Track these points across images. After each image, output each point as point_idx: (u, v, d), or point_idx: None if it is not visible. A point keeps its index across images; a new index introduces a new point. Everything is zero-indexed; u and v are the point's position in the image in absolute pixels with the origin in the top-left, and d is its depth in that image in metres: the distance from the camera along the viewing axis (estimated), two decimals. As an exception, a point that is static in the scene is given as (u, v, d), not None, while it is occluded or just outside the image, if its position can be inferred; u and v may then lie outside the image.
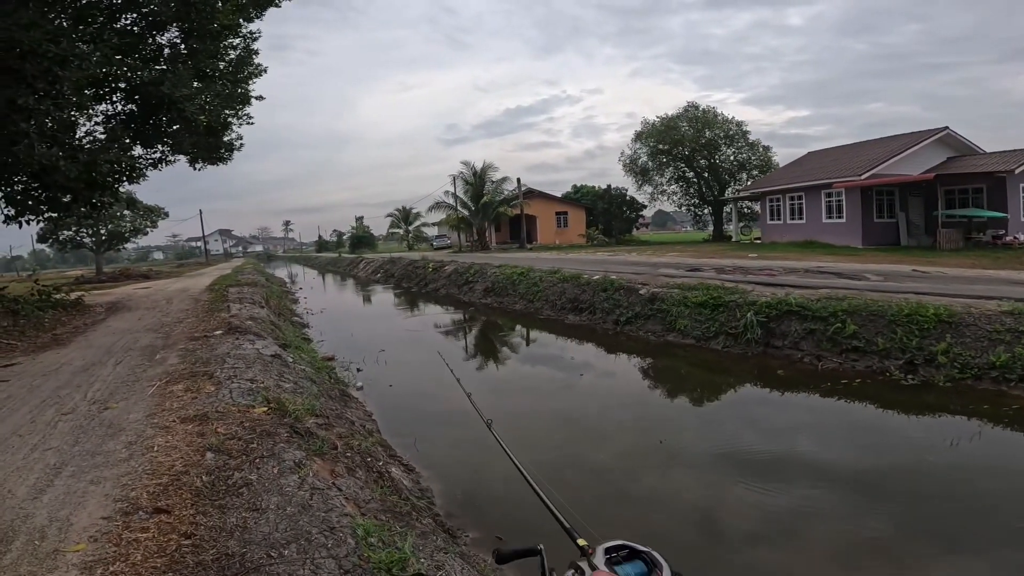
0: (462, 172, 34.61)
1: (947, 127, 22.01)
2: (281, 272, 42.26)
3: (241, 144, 13.53)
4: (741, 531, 3.72)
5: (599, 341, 9.81)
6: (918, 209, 21.01)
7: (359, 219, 73.78)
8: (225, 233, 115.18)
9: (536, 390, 7.57)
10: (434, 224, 48.12)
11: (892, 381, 6.36)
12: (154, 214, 33.69)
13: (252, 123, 13.22)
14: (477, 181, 34.08)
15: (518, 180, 35.25)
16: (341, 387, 6.68)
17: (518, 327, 12.10)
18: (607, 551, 0.84)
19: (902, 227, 21.01)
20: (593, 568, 0.82)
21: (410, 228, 55.30)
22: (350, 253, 54.39)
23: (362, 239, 65.01)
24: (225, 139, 12.91)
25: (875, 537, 3.50)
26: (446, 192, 35.72)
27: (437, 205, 36.63)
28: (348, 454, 3.41)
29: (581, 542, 0.97)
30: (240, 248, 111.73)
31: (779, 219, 25.69)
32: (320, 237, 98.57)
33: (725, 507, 4.05)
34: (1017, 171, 18.39)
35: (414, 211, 53.96)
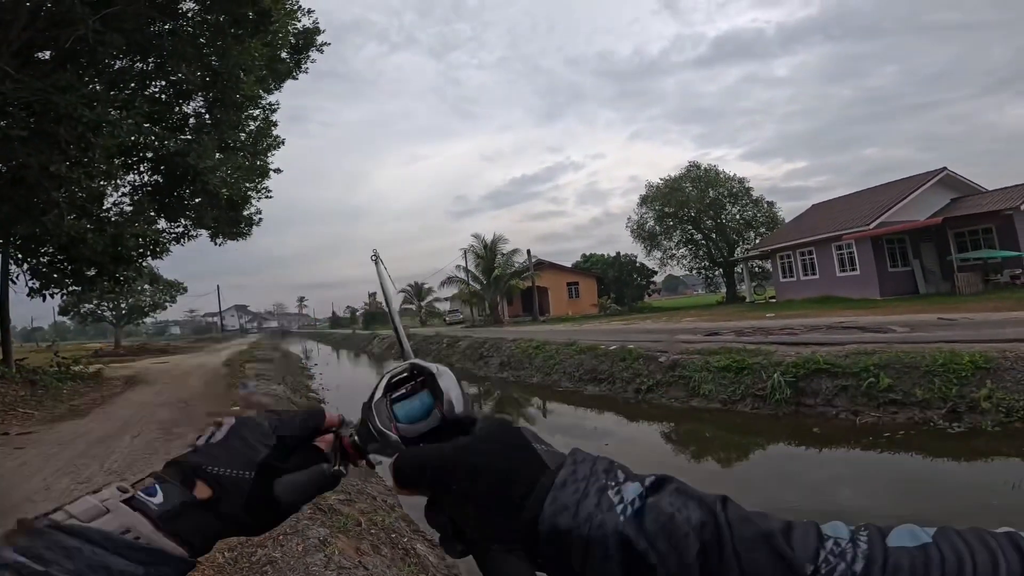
0: (472, 245, 35.41)
1: (945, 168, 22.11)
2: (296, 348, 42.51)
3: (260, 218, 13.42)
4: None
5: (620, 410, 9.54)
6: (932, 255, 20.89)
7: (372, 295, 74.96)
8: (241, 308, 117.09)
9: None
10: (446, 299, 48.72)
11: (937, 430, 6.06)
12: (173, 289, 34.38)
13: (271, 197, 13.29)
14: (488, 254, 34.76)
15: (528, 252, 35.96)
16: None
17: (536, 399, 11.86)
18: (388, 387, 0.54)
19: (918, 274, 20.79)
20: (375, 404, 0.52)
21: (422, 303, 55.93)
22: (364, 330, 54.78)
23: (375, 315, 65.71)
24: (245, 213, 12.88)
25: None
26: (457, 267, 36.39)
27: (449, 280, 37.24)
28: (372, 531, 3.25)
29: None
30: (255, 324, 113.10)
31: (792, 276, 25.63)
32: (334, 313, 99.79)
33: None
34: (1023, 207, 18.39)
35: (426, 286, 54.83)
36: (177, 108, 11.61)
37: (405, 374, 0.55)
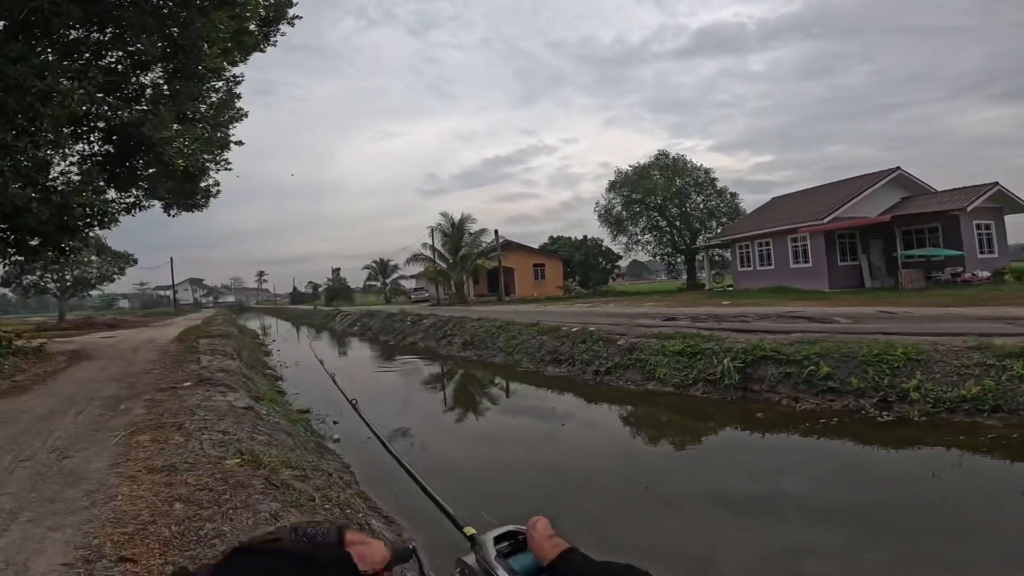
0: (440, 224, 35.07)
1: (899, 168, 23.09)
2: (254, 324, 41.42)
3: (218, 191, 13.31)
4: (735, 570, 3.64)
5: (580, 392, 9.75)
6: (879, 251, 21.94)
7: (336, 271, 73.54)
8: (196, 282, 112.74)
9: (519, 439, 7.46)
10: (412, 276, 48.27)
11: (868, 419, 6.45)
12: (122, 261, 33.07)
13: (231, 169, 13.09)
14: (455, 233, 34.52)
15: (496, 232, 35.86)
16: (317, 439, 6.51)
17: (498, 379, 11.99)
18: (497, 540, 0.70)
19: (865, 269, 21.84)
20: (485, 564, 0.67)
21: (387, 281, 55.21)
22: (326, 306, 53.77)
23: (338, 291, 64.56)
24: (202, 185, 12.71)
25: (870, 570, 3.47)
26: (424, 244, 35.99)
27: (415, 257, 36.82)
28: (327, 506, 3.27)
29: (468, 531, 0.83)
30: (211, 298, 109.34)
31: (749, 266, 26.51)
32: (295, 288, 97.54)
33: (716, 547, 3.99)
34: (969, 209, 19.44)
35: (392, 263, 54.09)
36: (134, 79, 11.20)
37: (506, 531, 0.71)
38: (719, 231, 33.54)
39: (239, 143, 12.91)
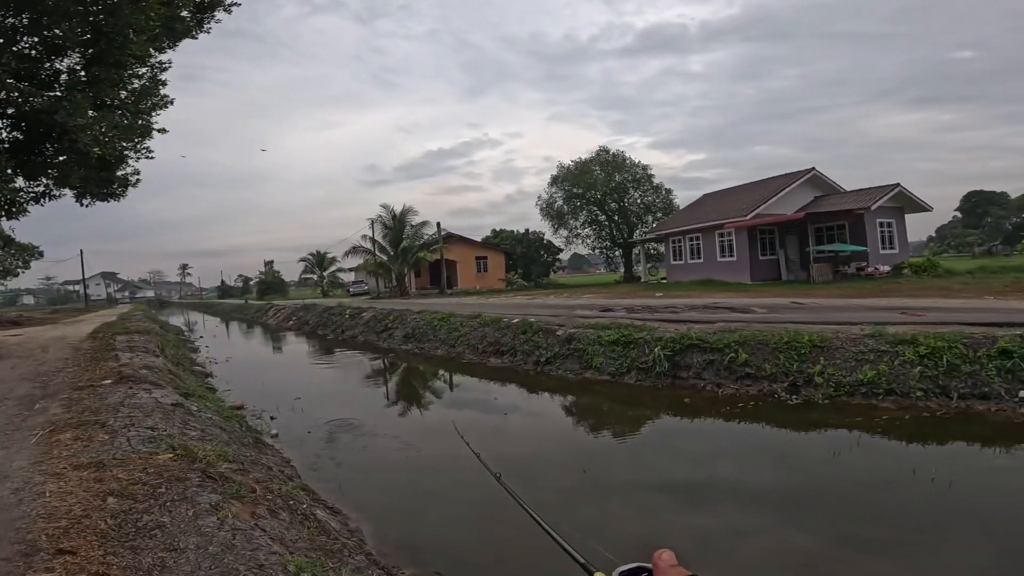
0: (381, 216, 34.42)
1: (814, 168, 24.79)
2: (177, 320, 38.97)
3: (138, 180, 12.77)
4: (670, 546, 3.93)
5: (521, 382, 10.00)
6: (795, 246, 23.67)
7: (269, 264, 70.10)
8: (110, 276, 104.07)
9: (464, 430, 7.58)
10: (351, 269, 46.96)
11: (780, 402, 7.07)
12: (27, 253, 30.19)
13: (152, 157, 12.49)
14: (396, 225, 33.98)
15: (438, 224, 35.59)
16: (254, 435, 6.37)
17: (441, 370, 12.06)
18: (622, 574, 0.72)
19: (782, 263, 23.53)
20: None
21: (325, 274, 53.43)
22: (258, 300, 51.35)
23: (272, 285, 61.77)
24: (119, 173, 12.13)
25: (783, 543, 3.85)
26: (364, 236, 35.16)
27: (354, 250, 35.93)
28: (268, 497, 3.27)
29: None
30: (127, 293, 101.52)
31: (681, 259, 27.85)
32: (223, 282, 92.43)
33: (653, 527, 4.26)
34: (873, 208, 21.28)
35: (329, 256, 52.36)
36: (48, 64, 10.46)
37: (632, 568, 0.72)
38: (654, 226, 34.93)
39: (162, 131, 12.25)
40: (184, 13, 11.01)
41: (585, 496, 4.99)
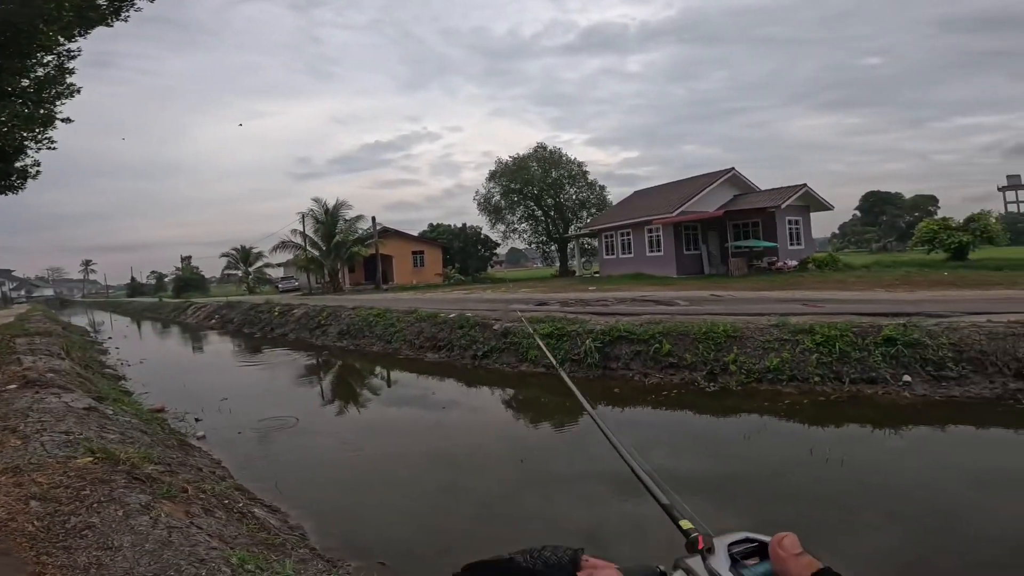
0: (312, 210, 33.19)
1: (733, 168, 26.34)
2: (81, 320, 35.78)
3: (38, 171, 11.77)
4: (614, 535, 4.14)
5: (459, 376, 10.13)
6: (715, 241, 25.19)
7: (186, 259, 65.51)
8: (4, 274, 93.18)
9: (402, 426, 7.63)
10: (279, 265, 44.91)
11: (699, 389, 7.64)
12: None
13: (54, 148, 11.48)
14: (329, 219, 32.91)
15: (373, 219, 34.80)
16: (179, 437, 6.13)
17: (378, 367, 11.95)
18: (730, 546, 0.61)
19: (704, 258, 25.00)
20: (713, 573, 0.57)
21: (251, 269, 50.68)
22: (175, 298, 47.98)
23: (190, 282, 57.82)
24: (17, 164, 11.13)
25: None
26: (294, 231, 33.72)
27: (283, 244, 34.40)
28: (201, 497, 3.22)
29: (685, 524, 0.73)
30: (23, 292, 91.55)
31: (613, 254, 28.87)
32: (134, 279, 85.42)
33: (584, 511, 4.49)
34: (783, 206, 22.99)
35: (255, 251, 49.71)
36: None
37: (740, 539, 0.61)
38: (589, 221, 35.95)
39: (67, 120, 11.28)
40: (100, 1, 10.15)
41: (524, 486, 5.20)
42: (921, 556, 3.59)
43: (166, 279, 70.02)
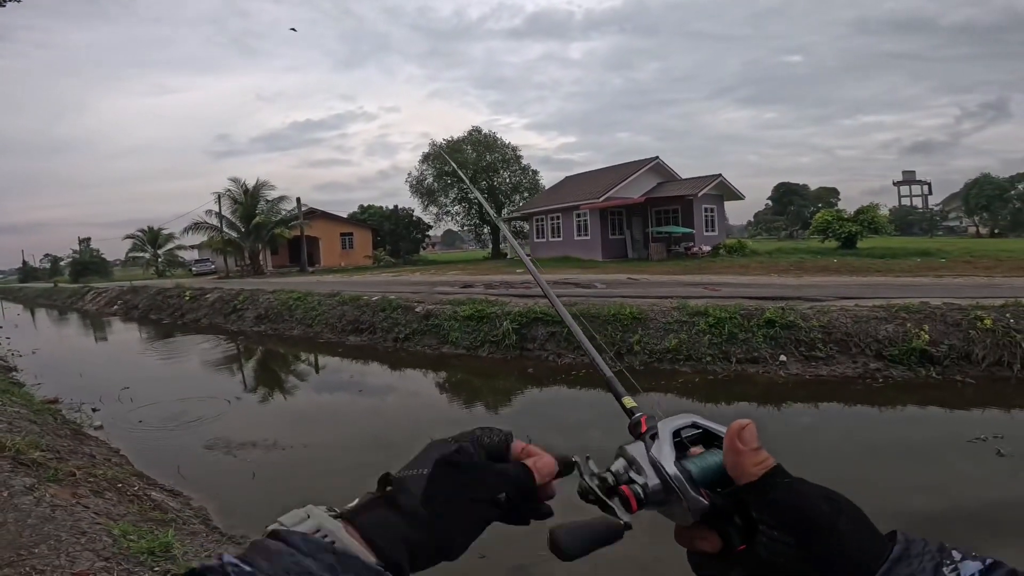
0: (230, 190, 31.27)
1: (657, 157, 27.50)
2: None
3: None
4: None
5: (380, 358, 10.16)
6: (639, 227, 26.33)
7: (85, 241, 59.75)
8: None
9: (318, 406, 7.62)
10: (193, 247, 42.06)
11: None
12: None
13: None
14: (249, 200, 31.20)
15: (298, 200, 33.36)
16: (73, 427, 5.87)
17: (297, 351, 11.72)
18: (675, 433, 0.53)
19: (628, 242, 26.10)
20: (655, 463, 0.49)
21: (159, 252, 47.06)
22: (72, 283, 43.77)
23: (90, 265, 52.90)
24: None
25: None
26: (209, 211, 31.67)
27: (196, 226, 32.23)
28: (92, 480, 3.20)
29: (628, 402, 0.61)
30: None
31: (544, 237, 29.45)
32: (26, 264, 76.98)
33: None
34: (700, 195, 24.34)
35: (165, 232, 46.20)
36: None
37: (687, 423, 0.53)
38: (521, 205, 36.35)
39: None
40: None
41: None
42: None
43: (62, 263, 63.53)
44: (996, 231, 54.29)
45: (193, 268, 42.83)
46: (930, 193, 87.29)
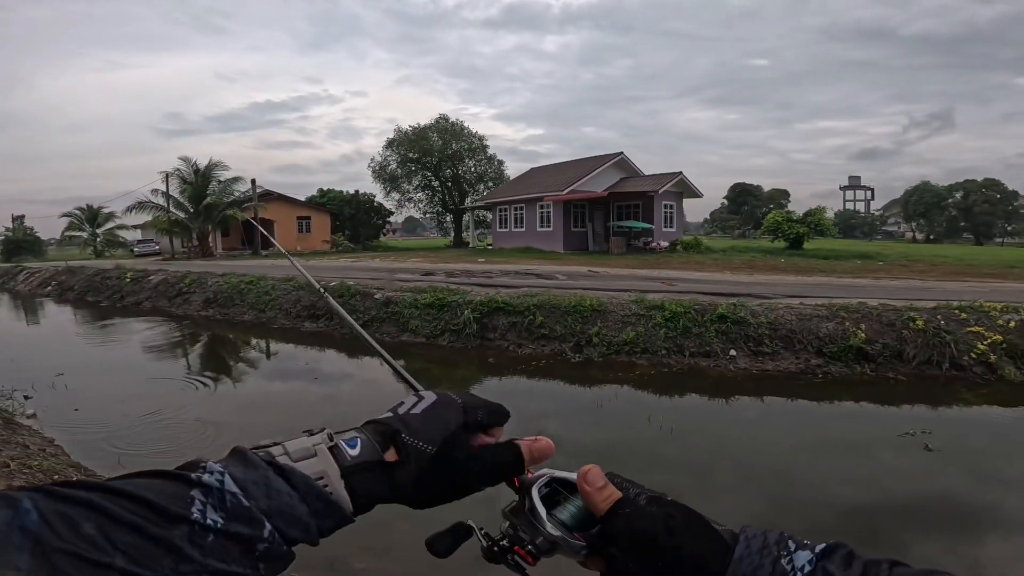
0: (179, 169, 29.77)
1: (622, 153, 28.02)
2: None
3: None
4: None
5: (337, 346, 9.94)
6: (601, 220, 26.75)
7: (18, 219, 55.54)
8: None
9: (270, 394, 7.40)
10: (136, 227, 39.87)
11: (566, 360, 8.24)
12: None
13: None
14: (200, 180, 29.79)
15: (253, 181, 32.04)
16: (5, 416, 5.55)
17: (248, 337, 11.33)
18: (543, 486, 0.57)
19: (590, 235, 26.47)
20: (531, 519, 0.54)
21: (98, 231, 44.33)
22: (4, 262, 40.71)
23: (23, 244, 49.31)
24: None
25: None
26: (155, 191, 30.05)
27: (140, 205, 30.50)
28: (25, 472, 2.99)
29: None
30: None
31: (506, 227, 29.48)
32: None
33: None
34: (660, 191, 24.92)
35: (106, 211, 43.52)
36: None
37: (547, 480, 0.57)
38: (485, 194, 36.17)
39: None
40: None
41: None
42: (729, 511, 4.31)
43: (-10, 239, 58.87)
44: (931, 237, 58.05)
45: (135, 249, 40.61)
46: (872, 199, 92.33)
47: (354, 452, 0.46)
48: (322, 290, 0.82)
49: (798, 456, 5.15)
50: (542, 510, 0.53)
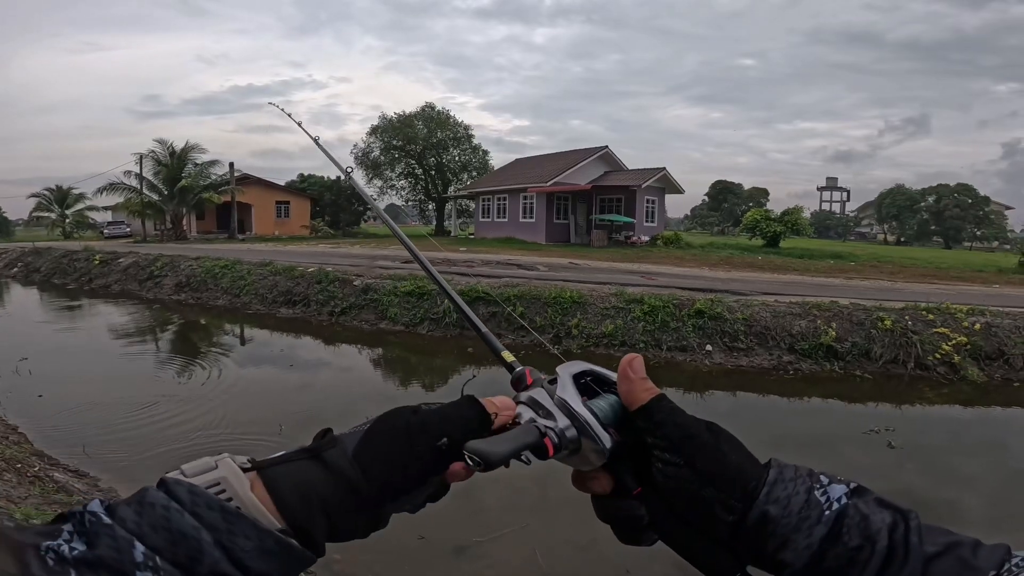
0: (154, 151, 28.91)
1: (607, 147, 28.04)
2: None
3: None
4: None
5: (314, 333, 9.81)
6: (583, 213, 26.80)
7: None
8: None
9: (243, 380, 7.27)
10: (106, 209, 38.60)
11: (545, 351, 8.24)
12: None
13: None
14: (175, 163, 28.98)
15: (231, 164, 31.36)
16: None
17: (222, 323, 11.10)
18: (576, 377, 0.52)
19: (572, 227, 26.51)
20: (562, 404, 0.49)
21: (67, 212, 42.82)
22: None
23: (-3, 222, 47.48)
24: None
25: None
26: (127, 173, 29.16)
27: (112, 187, 29.51)
28: None
29: (508, 356, 0.61)
30: None
31: (489, 217, 29.35)
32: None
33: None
34: (643, 186, 25.06)
35: (76, 191, 42.03)
36: None
37: (584, 370, 0.53)
38: (469, 184, 35.93)
39: None
40: None
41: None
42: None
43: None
44: (902, 239, 59.63)
45: (105, 231, 39.37)
46: (848, 200, 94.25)
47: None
48: (443, 284, 0.70)
49: (766, 451, 5.12)
50: (576, 393, 0.50)
